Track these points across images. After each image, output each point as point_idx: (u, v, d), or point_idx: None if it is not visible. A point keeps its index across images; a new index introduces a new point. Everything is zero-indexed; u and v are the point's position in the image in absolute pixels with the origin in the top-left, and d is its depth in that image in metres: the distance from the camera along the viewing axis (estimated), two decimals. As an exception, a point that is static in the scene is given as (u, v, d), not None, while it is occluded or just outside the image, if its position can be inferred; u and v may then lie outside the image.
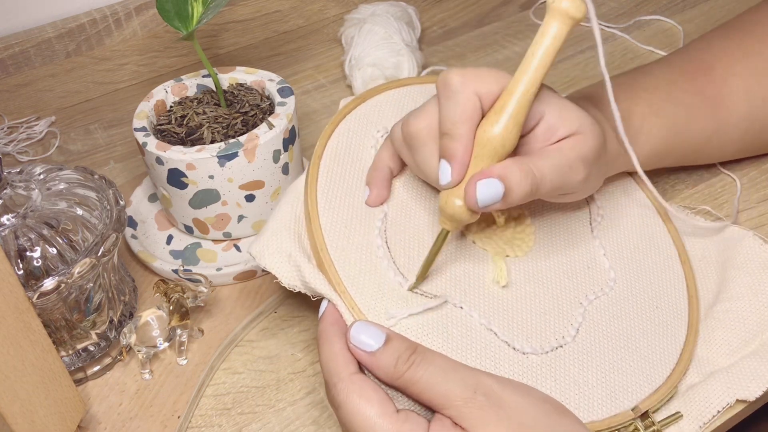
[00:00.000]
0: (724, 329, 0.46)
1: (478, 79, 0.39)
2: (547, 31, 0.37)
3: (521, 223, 0.47)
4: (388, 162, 0.46)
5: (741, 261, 0.49)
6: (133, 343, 0.47)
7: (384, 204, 0.46)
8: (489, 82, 0.39)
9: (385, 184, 0.46)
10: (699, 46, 0.55)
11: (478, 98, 0.39)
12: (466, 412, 0.35)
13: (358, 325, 0.38)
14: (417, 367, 0.36)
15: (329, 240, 0.43)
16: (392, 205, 0.46)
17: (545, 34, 0.37)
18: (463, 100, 0.39)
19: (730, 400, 0.43)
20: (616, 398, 0.42)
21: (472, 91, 0.39)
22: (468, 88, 0.39)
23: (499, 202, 0.39)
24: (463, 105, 0.39)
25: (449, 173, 0.40)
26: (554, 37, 0.37)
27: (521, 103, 0.38)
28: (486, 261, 0.45)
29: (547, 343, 0.43)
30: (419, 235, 0.45)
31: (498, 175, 0.39)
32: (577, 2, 0.37)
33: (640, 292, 0.47)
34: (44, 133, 0.73)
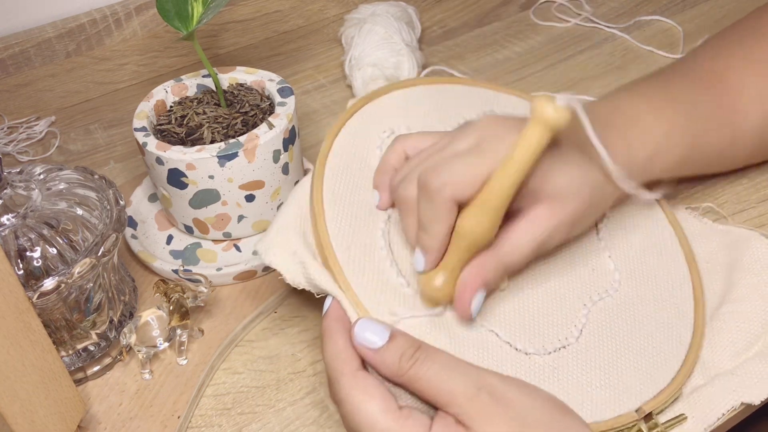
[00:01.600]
0: (729, 331, 0.46)
1: (455, 187, 0.40)
2: (530, 138, 0.38)
3: None
4: (395, 165, 0.46)
5: (747, 262, 0.49)
6: (133, 343, 0.47)
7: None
8: (466, 187, 0.40)
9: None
10: (710, 54, 0.55)
11: (453, 202, 0.40)
12: (470, 410, 0.35)
13: (363, 322, 0.38)
14: (421, 364, 0.36)
15: (334, 238, 0.43)
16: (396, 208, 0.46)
17: (527, 139, 0.38)
18: (439, 203, 0.40)
19: (735, 403, 0.42)
20: (619, 399, 0.41)
21: (449, 197, 0.40)
22: (444, 195, 0.40)
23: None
24: (438, 207, 0.40)
25: (422, 263, 0.42)
26: (536, 144, 0.38)
27: (500, 202, 0.39)
28: None
29: (550, 344, 0.43)
30: None
31: (481, 285, 0.41)
32: (560, 112, 0.37)
33: (646, 294, 0.46)
34: (44, 133, 0.73)
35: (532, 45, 0.79)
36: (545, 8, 0.85)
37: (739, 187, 0.58)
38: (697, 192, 0.58)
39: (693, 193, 0.58)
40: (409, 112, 0.51)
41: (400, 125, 0.50)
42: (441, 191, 0.40)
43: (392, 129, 0.50)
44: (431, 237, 0.41)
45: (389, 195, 0.46)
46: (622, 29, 0.80)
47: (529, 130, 0.37)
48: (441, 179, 0.40)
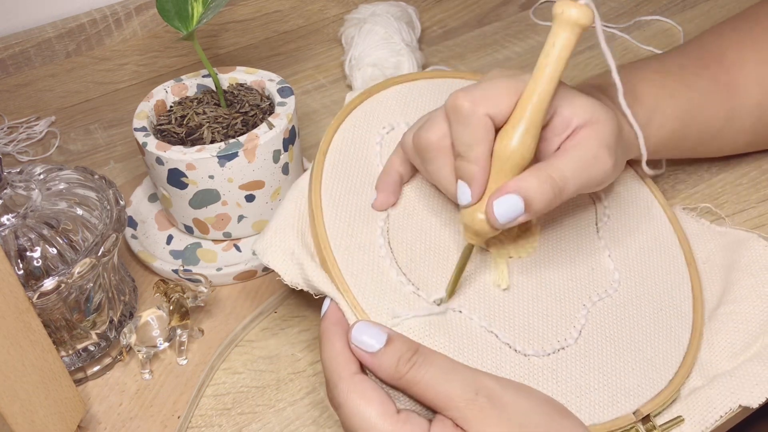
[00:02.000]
0: (727, 332, 0.46)
1: (488, 101, 0.39)
2: (556, 41, 0.37)
3: (526, 224, 0.47)
4: (399, 168, 0.46)
5: (745, 263, 0.49)
6: (133, 343, 0.47)
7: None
8: (499, 101, 0.39)
9: (393, 188, 0.46)
10: (710, 37, 0.55)
11: (489, 119, 0.39)
12: (468, 414, 0.35)
13: (360, 325, 0.38)
14: (418, 367, 0.36)
15: (332, 238, 0.43)
16: (395, 206, 0.46)
17: (555, 45, 0.37)
18: (475, 123, 0.39)
19: (733, 405, 0.42)
20: (617, 401, 0.41)
21: (483, 113, 0.39)
22: (478, 111, 0.39)
23: (522, 215, 0.39)
24: (475, 128, 0.39)
25: (468, 194, 0.40)
26: (564, 47, 0.37)
27: (536, 115, 0.38)
28: (488, 262, 0.45)
29: (549, 345, 0.43)
30: (421, 235, 0.45)
31: (514, 189, 0.39)
32: (584, 10, 0.36)
33: (645, 294, 0.46)
34: (44, 133, 0.73)
35: (532, 45, 0.79)
36: (545, 8, 0.85)
37: (739, 187, 0.58)
38: (697, 192, 0.58)
39: (693, 193, 0.58)
40: (408, 108, 0.51)
41: (399, 121, 0.50)
42: (475, 109, 0.39)
43: (391, 125, 0.50)
44: (473, 162, 0.39)
45: (387, 197, 0.46)
46: (622, 29, 0.80)
47: (555, 33, 0.37)
48: (473, 97, 0.39)
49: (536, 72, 0.38)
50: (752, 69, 0.52)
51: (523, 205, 0.39)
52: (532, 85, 0.38)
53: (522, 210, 0.39)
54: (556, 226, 0.48)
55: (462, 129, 0.39)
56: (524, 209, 0.39)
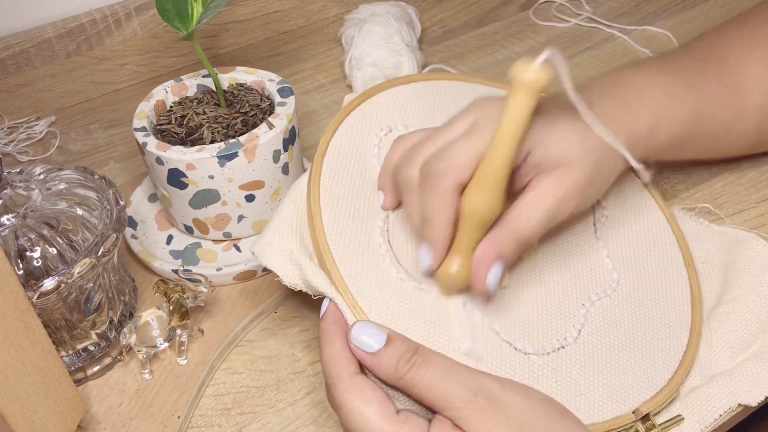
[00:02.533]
0: (726, 331, 0.46)
1: (456, 171, 0.40)
2: (514, 106, 0.38)
3: None
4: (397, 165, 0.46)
5: (744, 262, 0.49)
6: (133, 343, 0.47)
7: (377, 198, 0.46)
8: (466, 168, 0.40)
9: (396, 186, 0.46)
10: (714, 36, 0.55)
11: (455, 189, 0.40)
12: (467, 414, 0.35)
13: (359, 325, 0.38)
14: (418, 368, 0.36)
15: (331, 238, 0.43)
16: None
17: (514, 109, 0.38)
18: (442, 192, 0.40)
19: (732, 404, 0.42)
20: (617, 400, 0.41)
21: (451, 183, 0.40)
22: (446, 182, 0.40)
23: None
24: (442, 197, 0.40)
25: (429, 260, 0.42)
26: (523, 109, 0.38)
27: (500, 175, 0.39)
28: None
29: (549, 344, 0.43)
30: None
31: (497, 258, 0.40)
32: (539, 73, 0.37)
33: (643, 294, 0.46)
34: (44, 133, 0.73)
35: (532, 45, 0.79)
36: (545, 8, 0.85)
37: (739, 187, 0.58)
38: (697, 192, 0.58)
39: (693, 193, 0.58)
40: (406, 110, 0.51)
41: (397, 123, 0.50)
42: (442, 178, 0.40)
43: (390, 127, 0.50)
44: (436, 228, 0.41)
45: (394, 195, 0.46)
46: (622, 29, 0.80)
47: (511, 97, 0.37)
48: (440, 166, 0.40)
49: (498, 135, 0.38)
50: (756, 69, 0.52)
51: (503, 266, 0.41)
52: (495, 147, 0.39)
53: (503, 269, 0.41)
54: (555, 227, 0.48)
55: (429, 194, 0.41)
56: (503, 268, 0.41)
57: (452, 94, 0.54)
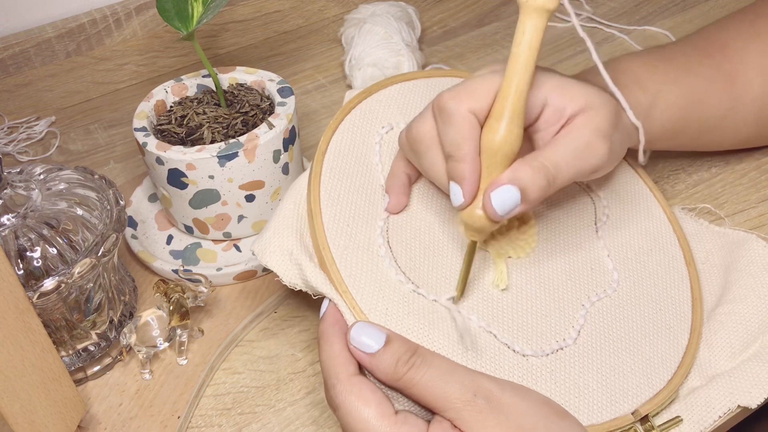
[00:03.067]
0: (726, 332, 0.46)
1: (471, 97, 0.39)
2: (525, 29, 0.38)
3: (525, 224, 0.47)
4: (405, 168, 0.46)
5: (744, 263, 0.49)
6: (133, 343, 0.47)
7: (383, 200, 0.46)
8: (481, 96, 0.39)
9: (403, 190, 0.46)
10: (713, 28, 0.55)
11: (474, 116, 0.39)
12: (466, 415, 0.35)
13: (359, 326, 0.38)
14: (417, 369, 0.36)
15: (331, 238, 0.43)
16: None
17: (524, 32, 0.38)
18: (460, 121, 0.39)
19: (731, 405, 0.42)
20: (616, 401, 0.41)
21: (467, 110, 0.39)
22: (462, 109, 0.39)
23: (519, 205, 0.39)
24: (461, 126, 0.39)
25: (461, 195, 0.40)
26: (533, 32, 0.37)
27: (516, 104, 0.39)
28: (487, 262, 0.45)
29: (548, 346, 0.43)
30: (421, 235, 0.45)
31: (509, 180, 0.39)
32: None
33: (644, 294, 0.46)
34: (44, 133, 0.73)
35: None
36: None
37: (739, 187, 0.58)
38: (697, 192, 0.58)
39: (693, 193, 0.58)
40: (408, 107, 0.51)
41: (398, 120, 0.50)
42: (459, 107, 0.39)
43: (390, 124, 0.50)
44: (461, 160, 0.39)
45: (399, 198, 0.46)
46: (621, 29, 0.80)
47: (522, 21, 0.37)
48: (456, 96, 0.39)
49: (510, 62, 0.38)
50: (755, 59, 0.52)
51: (519, 195, 0.39)
52: (509, 75, 0.38)
53: (519, 200, 0.39)
54: (555, 225, 0.48)
55: (448, 128, 0.40)
56: (521, 199, 0.39)
57: None
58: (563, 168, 0.40)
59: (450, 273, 0.44)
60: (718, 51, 0.52)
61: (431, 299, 0.42)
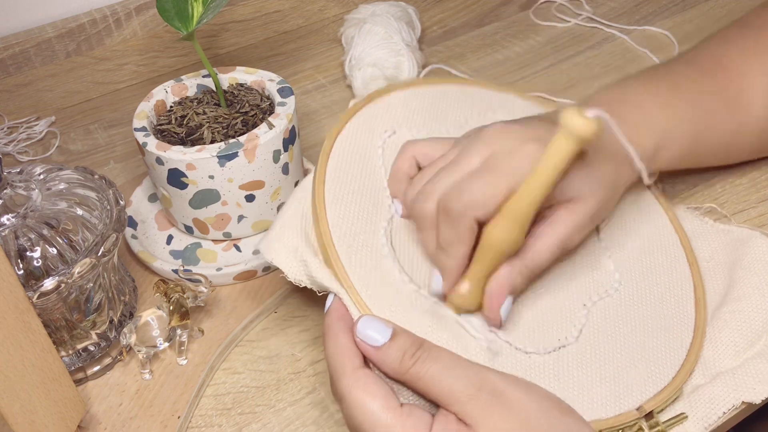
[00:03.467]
0: (730, 330, 0.46)
1: (476, 207, 0.40)
2: (557, 149, 0.37)
3: None
4: (408, 171, 0.46)
5: (748, 261, 0.49)
6: (133, 343, 0.47)
7: (392, 206, 0.46)
8: (487, 206, 0.40)
9: None
10: (716, 43, 0.55)
11: (476, 224, 0.41)
12: (470, 409, 0.35)
13: (365, 319, 0.38)
14: (423, 362, 0.36)
15: (336, 238, 0.43)
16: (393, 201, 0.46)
17: (555, 152, 0.38)
18: (462, 227, 0.41)
19: (735, 402, 0.42)
20: (620, 398, 0.41)
21: (471, 218, 0.40)
22: (466, 217, 0.40)
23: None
24: (461, 231, 0.41)
25: (440, 286, 0.42)
26: (564, 155, 0.37)
27: (528, 215, 0.39)
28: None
29: (550, 344, 0.43)
30: None
31: (510, 291, 0.41)
32: (589, 125, 0.36)
33: (646, 294, 0.46)
34: (44, 133, 0.73)
35: (532, 45, 0.79)
36: (545, 8, 0.85)
37: (739, 187, 0.58)
38: (697, 192, 0.58)
39: (693, 193, 0.58)
40: (411, 112, 0.51)
41: (401, 125, 0.50)
42: (463, 215, 0.40)
43: (393, 129, 0.50)
44: (452, 259, 0.41)
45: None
46: (621, 29, 0.80)
47: (556, 142, 0.37)
48: (462, 202, 0.40)
49: (534, 175, 0.38)
50: (757, 79, 0.52)
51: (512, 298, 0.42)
52: (529, 188, 0.39)
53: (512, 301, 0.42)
54: None
55: (448, 228, 0.41)
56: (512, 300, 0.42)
57: (455, 97, 0.54)
58: (543, 264, 0.43)
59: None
60: (721, 70, 0.52)
61: (433, 301, 0.42)
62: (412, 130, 0.50)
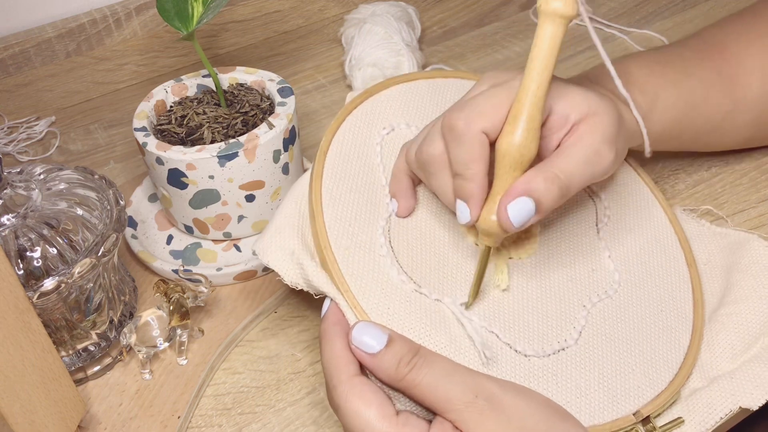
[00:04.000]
0: (727, 333, 0.46)
1: (482, 117, 0.39)
2: (543, 34, 0.38)
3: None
4: (408, 172, 0.46)
5: (746, 264, 0.49)
6: (133, 343, 0.47)
7: (390, 204, 0.46)
8: (493, 116, 0.39)
9: (409, 192, 0.46)
10: (712, 30, 0.55)
11: (484, 136, 0.39)
12: (467, 417, 0.35)
13: (361, 325, 0.38)
14: (419, 369, 0.36)
15: (333, 238, 0.43)
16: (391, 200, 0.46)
17: (542, 38, 0.38)
18: (470, 141, 0.39)
19: (733, 407, 0.42)
20: (617, 402, 0.41)
21: (478, 130, 0.39)
22: (473, 129, 0.39)
23: (534, 216, 0.39)
24: (471, 146, 0.39)
25: (467, 213, 0.40)
26: (551, 39, 0.38)
27: (534, 110, 0.38)
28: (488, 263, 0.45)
29: (549, 346, 0.43)
30: (422, 235, 0.45)
31: (524, 191, 0.39)
32: (567, 2, 0.37)
33: (645, 296, 0.46)
34: (44, 133, 0.73)
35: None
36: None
37: (739, 187, 0.58)
38: (697, 192, 0.58)
39: (693, 193, 0.58)
40: (408, 108, 0.51)
41: (399, 122, 0.50)
42: (469, 126, 0.39)
43: (391, 125, 0.50)
44: (470, 179, 0.40)
45: (407, 201, 0.46)
46: (621, 30, 0.80)
47: (540, 26, 0.37)
48: (466, 115, 0.39)
49: (528, 68, 0.38)
50: (754, 62, 0.52)
51: (534, 206, 0.39)
52: (526, 81, 0.38)
53: (534, 211, 0.39)
54: (557, 227, 0.48)
55: (458, 148, 0.40)
56: (535, 210, 0.39)
57: (454, 92, 0.54)
58: (575, 177, 0.40)
59: (452, 273, 0.44)
60: (717, 53, 0.52)
61: (433, 299, 0.42)
62: (410, 126, 0.50)
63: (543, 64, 0.38)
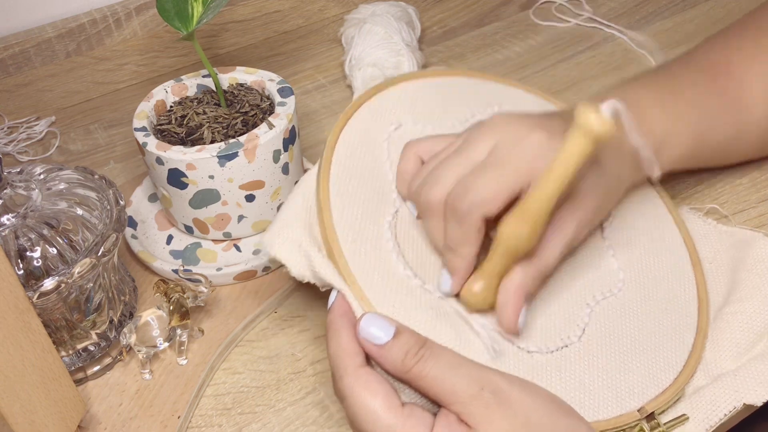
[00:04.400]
0: (731, 331, 0.46)
1: (485, 204, 0.40)
2: (572, 149, 0.36)
3: None
4: (412, 172, 0.46)
5: (751, 262, 0.49)
6: (133, 343, 0.47)
7: (396, 200, 0.46)
8: (495, 202, 0.40)
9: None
10: (716, 45, 0.55)
11: (483, 222, 0.40)
12: (472, 409, 0.35)
13: (368, 317, 0.38)
14: (425, 362, 0.36)
15: (340, 231, 0.43)
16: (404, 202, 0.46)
17: (571, 152, 0.37)
18: (469, 225, 0.40)
19: (737, 404, 0.42)
20: (621, 399, 0.41)
21: (479, 217, 0.40)
22: (474, 215, 0.40)
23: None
24: (468, 230, 0.40)
25: (449, 286, 0.42)
26: (579, 155, 0.36)
27: (543, 212, 0.39)
28: None
29: (553, 343, 0.43)
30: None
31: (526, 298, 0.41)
32: (605, 124, 0.35)
33: (650, 294, 0.46)
34: (44, 133, 0.73)
35: (532, 45, 0.79)
36: (545, 8, 0.85)
37: (739, 187, 0.58)
38: (697, 192, 0.58)
39: (694, 193, 0.58)
40: (415, 105, 0.51)
41: (406, 118, 0.50)
42: (470, 213, 0.40)
43: (399, 122, 0.50)
44: (461, 259, 0.41)
45: None
46: (621, 30, 0.80)
47: (571, 140, 0.36)
48: (468, 201, 0.40)
49: (551, 171, 0.37)
50: (759, 79, 0.52)
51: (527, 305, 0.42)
52: (542, 185, 0.38)
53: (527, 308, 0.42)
54: None
55: (456, 228, 0.41)
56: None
57: (460, 89, 0.54)
58: (553, 266, 0.42)
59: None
60: (723, 73, 0.52)
61: (438, 296, 0.42)
62: (417, 123, 0.50)
63: (564, 178, 0.37)
